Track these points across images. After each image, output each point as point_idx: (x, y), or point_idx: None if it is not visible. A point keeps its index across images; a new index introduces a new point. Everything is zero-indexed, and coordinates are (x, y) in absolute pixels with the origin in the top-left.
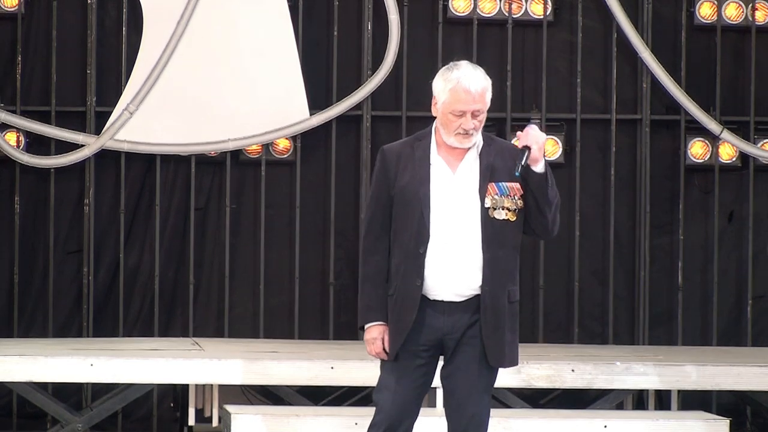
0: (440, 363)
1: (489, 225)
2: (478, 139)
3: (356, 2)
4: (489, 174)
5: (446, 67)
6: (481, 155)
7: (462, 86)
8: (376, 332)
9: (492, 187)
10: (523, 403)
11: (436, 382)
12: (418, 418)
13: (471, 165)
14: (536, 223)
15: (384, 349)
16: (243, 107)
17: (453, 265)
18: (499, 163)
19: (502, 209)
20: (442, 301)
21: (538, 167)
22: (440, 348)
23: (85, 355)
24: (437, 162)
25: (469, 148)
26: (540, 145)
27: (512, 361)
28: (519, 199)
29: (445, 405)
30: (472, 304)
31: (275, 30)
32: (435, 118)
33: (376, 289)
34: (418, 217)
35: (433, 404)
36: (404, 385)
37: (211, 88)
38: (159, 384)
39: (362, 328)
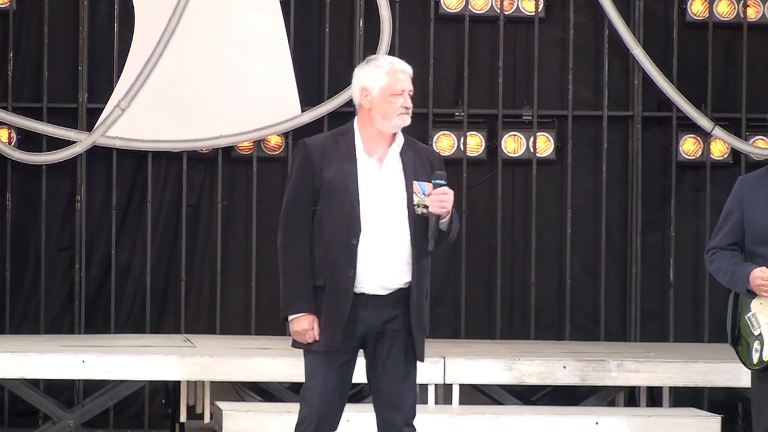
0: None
1: (416, 221)
2: (400, 137)
3: None
4: (413, 171)
5: (365, 62)
6: (402, 153)
7: (397, 68)
8: (306, 323)
9: (415, 185)
10: (514, 399)
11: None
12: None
13: (395, 161)
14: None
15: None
16: (235, 104)
17: (383, 259)
18: (417, 161)
19: (423, 207)
20: (366, 294)
21: (445, 225)
22: (362, 342)
23: (76, 351)
24: (363, 157)
25: (392, 146)
26: (449, 209)
27: (423, 356)
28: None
29: (374, 400)
30: (393, 298)
31: (267, 26)
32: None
33: (302, 279)
34: (348, 210)
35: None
36: (333, 379)
37: (203, 84)
38: (150, 381)
39: (286, 319)
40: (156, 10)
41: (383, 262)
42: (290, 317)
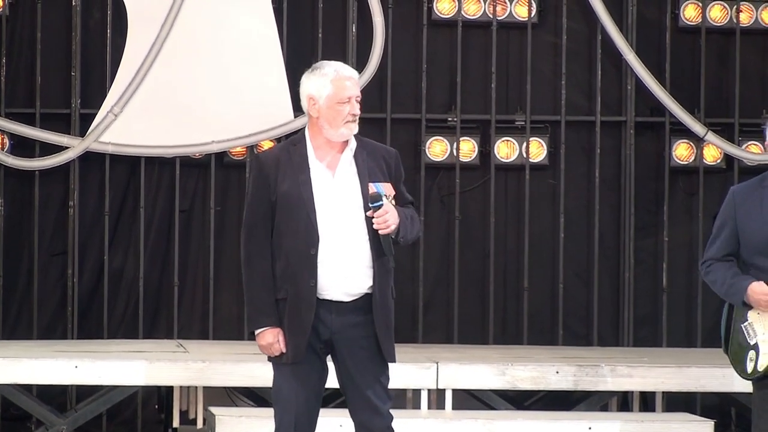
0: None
1: (373, 224)
2: (352, 141)
3: (340, 4)
4: (367, 174)
5: (310, 70)
6: (355, 157)
7: (342, 75)
8: (271, 336)
9: (371, 187)
10: (507, 404)
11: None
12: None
13: (348, 167)
14: None
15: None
16: (227, 109)
17: (344, 265)
18: (372, 163)
19: (383, 203)
20: (331, 301)
21: (394, 237)
22: (330, 348)
23: (69, 357)
24: (316, 166)
25: (344, 151)
26: (394, 225)
27: (394, 357)
28: (392, 199)
29: (350, 408)
30: (359, 304)
31: (260, 32)
32: (414, 121)
33: (265, 294)
34: (304, 220)
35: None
36: (306, 386)
37: (195, 90)
38: (143, 386)
39: (252, 333)
40: (149, 17)
41: (344, 269)
42: (256, 332)
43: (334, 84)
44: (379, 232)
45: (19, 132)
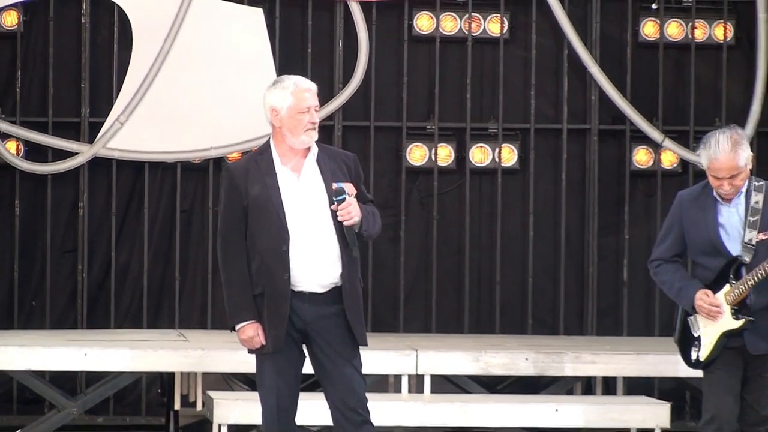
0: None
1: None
2: (313, 147)
3: (328, 21)
4: (330, 175)
5: (271, 84)
6: (318, 160)
7: (301, 87)
8: (251, 331)
9: (334, 186)
10: (480, 388)
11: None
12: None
13: (312, 170)
14: None
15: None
16: (224, 118)
17: (314, 258)
18: (333, 165)
19: (344, 198)
20: (304, 292)
21: (357, 229)
22: (304, 336)
23: (79, 345)
24: (282, 171)
25: (307, 156)
26: (356, 217)
27: (366, 341)
28: (354, 198)
29: (326, 391)
30: (330, 295)
31: (254, 47)
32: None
33: (243, 291)
34: (275, 220)
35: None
36: (286, 373)
37: (195, 100)
38: (147, 372)
39: (233, 328)
40: (152, 33)
41: (315, 262)
42: (236, 327)
43: (295, 96)
44: (344, 224)
45: (33, 139)
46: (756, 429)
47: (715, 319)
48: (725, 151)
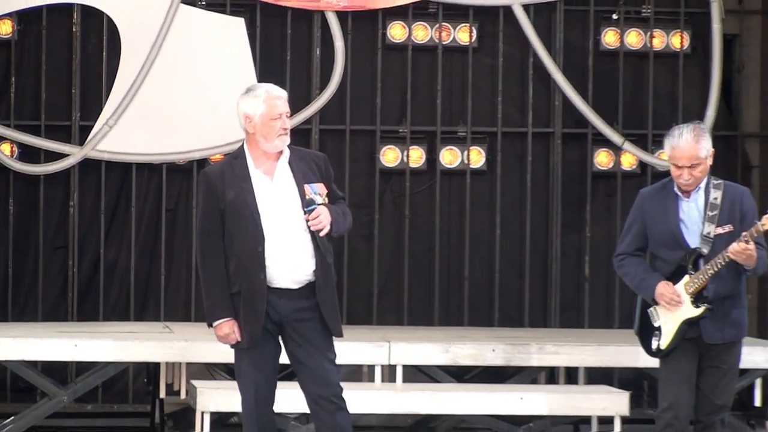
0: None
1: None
2: (285, 150)
3: (306, 31)
4: (302, 177)
5: (244, 92)
6: (290, 163)
7: (273, 95)
8: (227, 328)
9: (307, 189)
10: (449, 378)
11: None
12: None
13: (284, 172)
14: None
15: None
16: (207, 122)
17: (288, 257)
18: (304, 167)
19: (316, 204)
20: (280, 288)
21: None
22: (280, 329)
23: (70, 337)
24: (256, 174)
25: (279, 159)
26: (326, 225)
27: (341, 332)
28: (326, 197)
29: (301, 382)
30: (304, 291)
31: (236, 54)
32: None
33: (220, 290)
34: (251, 222)
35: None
36: (263, 365)
37: (180, 105)
38: (134, 362)
39: (211, 326)
40: (139, 42)
41: (289, 261)
42: (213, 324)
43: (267, 103)
44: (317, 233)
45: (26, 141)
46: (710, 418)
47: (675, 309)
48: (687, 141)
